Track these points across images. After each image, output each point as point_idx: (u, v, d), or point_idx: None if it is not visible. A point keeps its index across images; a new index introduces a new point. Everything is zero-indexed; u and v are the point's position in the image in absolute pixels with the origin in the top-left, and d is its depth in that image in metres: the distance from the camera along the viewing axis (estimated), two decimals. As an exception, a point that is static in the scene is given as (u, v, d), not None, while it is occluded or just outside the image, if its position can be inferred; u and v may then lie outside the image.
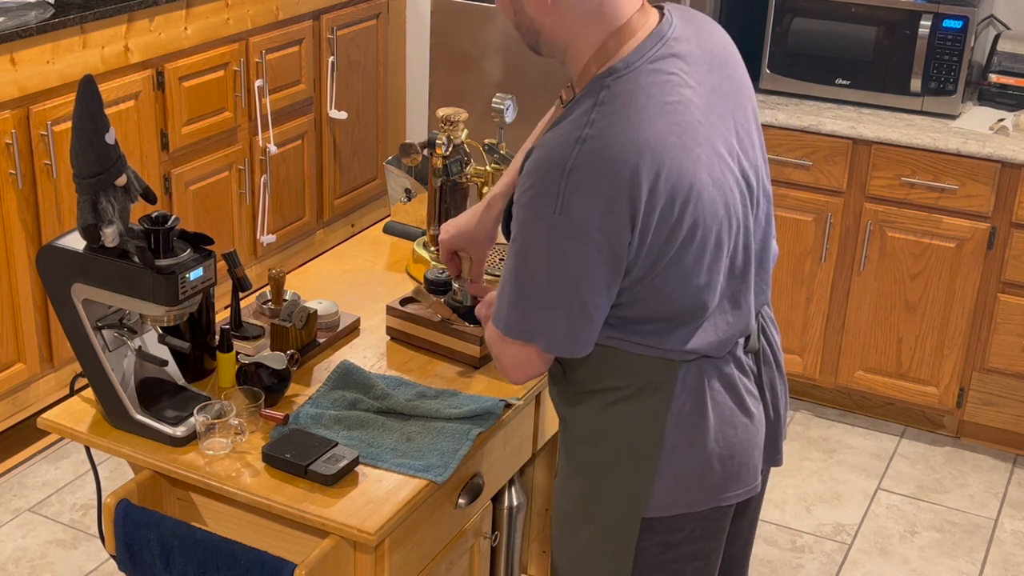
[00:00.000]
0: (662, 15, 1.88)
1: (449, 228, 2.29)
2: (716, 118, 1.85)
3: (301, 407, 2.18)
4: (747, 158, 1.91)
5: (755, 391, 2.00)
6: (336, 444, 2.05)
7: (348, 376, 2.26)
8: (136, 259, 1.99)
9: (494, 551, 2.52)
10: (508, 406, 2.23)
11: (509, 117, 2.63)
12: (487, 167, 2.63)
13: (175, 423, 2.11)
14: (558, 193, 1.73)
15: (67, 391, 2.71)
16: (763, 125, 3.19)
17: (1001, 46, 3.87)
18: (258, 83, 4.22)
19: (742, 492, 1.99)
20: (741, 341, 1.96)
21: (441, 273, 2.43)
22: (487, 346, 1.98)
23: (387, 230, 2.90)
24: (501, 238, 2.34)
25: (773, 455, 2.09)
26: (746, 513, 2.14)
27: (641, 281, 1.81)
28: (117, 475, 3.52)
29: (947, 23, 3.68)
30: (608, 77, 1.80)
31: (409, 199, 2.84)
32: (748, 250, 1.92)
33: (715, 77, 1.88)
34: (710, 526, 1.99)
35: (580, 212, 1.73)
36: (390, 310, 2.44)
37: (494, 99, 2.62)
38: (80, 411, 2.20)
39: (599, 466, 1.97)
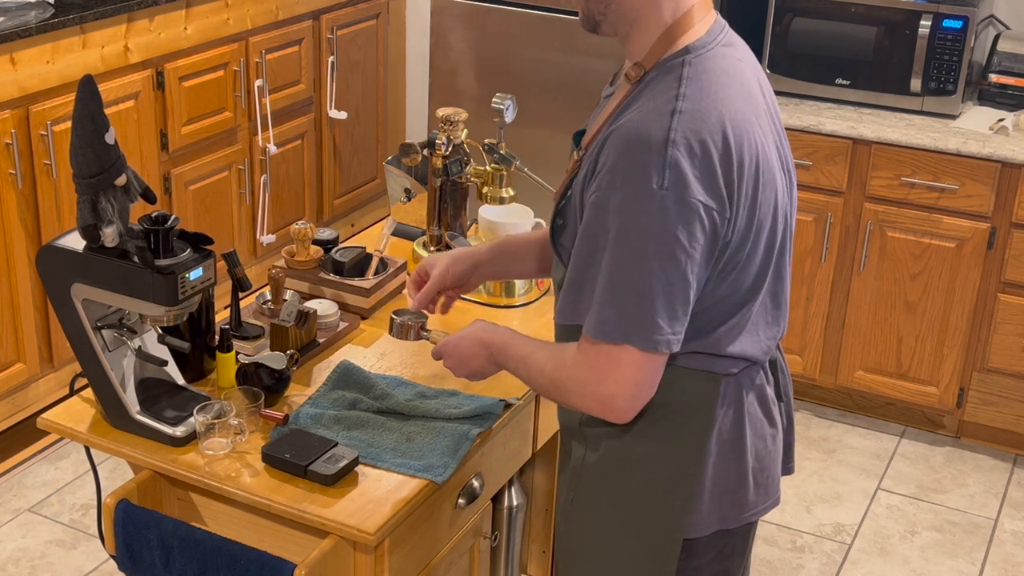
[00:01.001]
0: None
1: (440, 257, 2.21)
2: (769, 114, 1.86)
3: (301, 407, 2.18)
4: (785, 157, 1.91)
5: (776, 400, 1.96)
6: (336, 444, 2.05)
7: (348, 376, 2.26)
8: (136, 259, 1.99)
9: (494, 551, 2.52)
10: (508, 406, 2.23)
11: (509, 117, 2.63)
12: (487, 167, 2.63)
13: (175, 423, 2.11)
14: (664, 165, 1.65)
15: (67, 391, 2.71)
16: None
17: (1001, 46, 3.87)
18: (258, 83, 4.22)
19: (769, 505, 1.96)
20: None
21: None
22: (552, 394, 1.84)
23: (387, 230, 2.90)
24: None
25: (787, 463, 2.05)
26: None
27: (726, 267, 1.75)
28: (117, 475, 3.52)
29: (947, 23, 3.68)
30: (687, 55, 1.76)
31: (409, 199, 2.84)
32: (789, 248, 1.90)
33: (761, 80, 1.89)
34: (740, 542, 1.96)
35: (689, 185, 1.65)
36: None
37: (494, 99, 2.62)
38: (80, 411, 2.20)
39: (636, 493, 1.88)
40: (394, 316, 2.16)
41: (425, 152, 2.64)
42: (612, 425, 1.85)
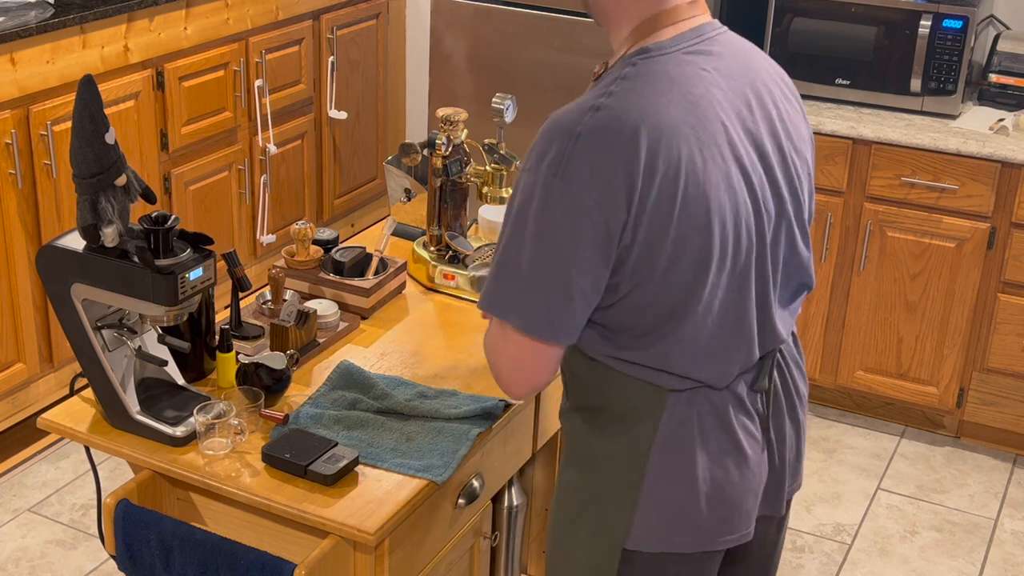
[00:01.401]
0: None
1: None
2: (743, 131, 1.79)
3: (301, 407, 2.18)
4: (780, 184, 1.83)
5: (757, 433, 1.89)
6: (336, 444, 2.05)
7: (348, 376, 2.26)
8: (136, 259, 1.99)
9: (494, 551, 2.53)
10: (508, 406, 2.23)
11: (509, 117, 2.63)
12: (487, 167, 2.63)
13: (175, 423, 2.11)
14: (562, 158, 1.68)
15: (67, 391, 2.71)
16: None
17: (1001, 46, 3.87)
18: (258, 83, 4.22)
19: (732, 539, 1.89)
20: (747, 378, 1.86)
21: None
22: (487, 355, 1.88)
23: (387, 230, 2.90)
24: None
25: (773, 504, 1.99)
26: (743, 560, 2.03)
27: (636, 276, 1.72)
28: (117, 475, 3.52)
29: (947, 23, 3.68)
30: (637, 56, 1.77)
31: (409, 199, 2.84)
32: (763, 274, 1.82)
33: (752, 96, 1.83)
34: (697, 569, 1.90)
35: (580, 180, 1.67)
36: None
37: (494, 99, 2.62)
38: (80, 411, 2.20)
39: (586, 491, 1.89)
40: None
41: (425, 152, 2.64)
42: (575, 422, 1.90)
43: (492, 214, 2.69)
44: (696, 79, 1.76)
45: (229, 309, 2.36)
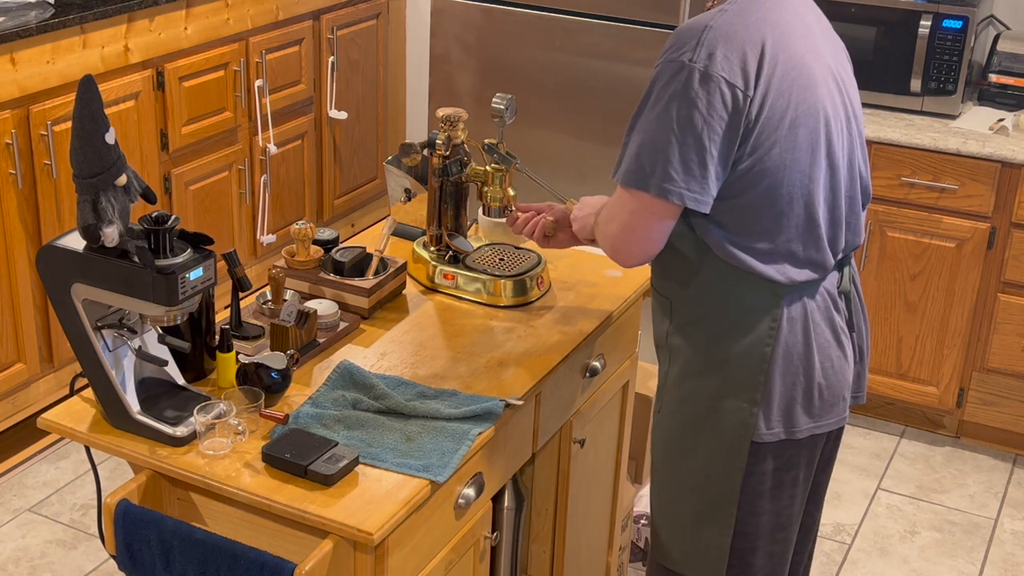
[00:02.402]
0: None
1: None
2: (827, 47, 2.13)
3: (301, 407, 2.18)
4: (851, 108, 2.16)
5: (846, 329, 2.18)
6: (336, 444, 2.05)
7: (348, 376, 2.26)
8: (136, 259, 1.99)
9: (494, 551, 2.52)
10: (508, 406, 2.23)
11: (509, 117, 2.63)
12: (487, 167, 2.63)
13: (175, 423, 2.11)
14: (697, 45, 1.98)
15: (67, 391, 2.71)
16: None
17: (1001, 46, 3.87)
18: (258, 83, 4.22)
19: (835, 422, 2.19)
20: (834, 277, 2.15)
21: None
22: (600, 237, 2.16)
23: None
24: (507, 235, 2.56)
25: (857, 392, 2.29)
26: (828, 447, 2.30)
27: (757, 151, 2.00)
28: (117, 475, 3.52)
29: (947, 23, 3.68)
30: None
31: (409, 199, 2.83)
32: (852, 174, 2.13)
33: (826, 27, 2.18)
34: (808, 453, 2.18)
35: (713, 62, 1.97)
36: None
37: (494, 99, 2.62)
38: (80, 411, 2.20)
39: (709, 396, 2.13)
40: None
41: (425, 152, 2.64)
42: (688, 336, 2.15)
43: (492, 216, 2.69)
44: (792, 3, 2.09)
45: (229, 309, 2.36)
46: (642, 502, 3.26)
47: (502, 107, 2.60)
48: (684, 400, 2.18)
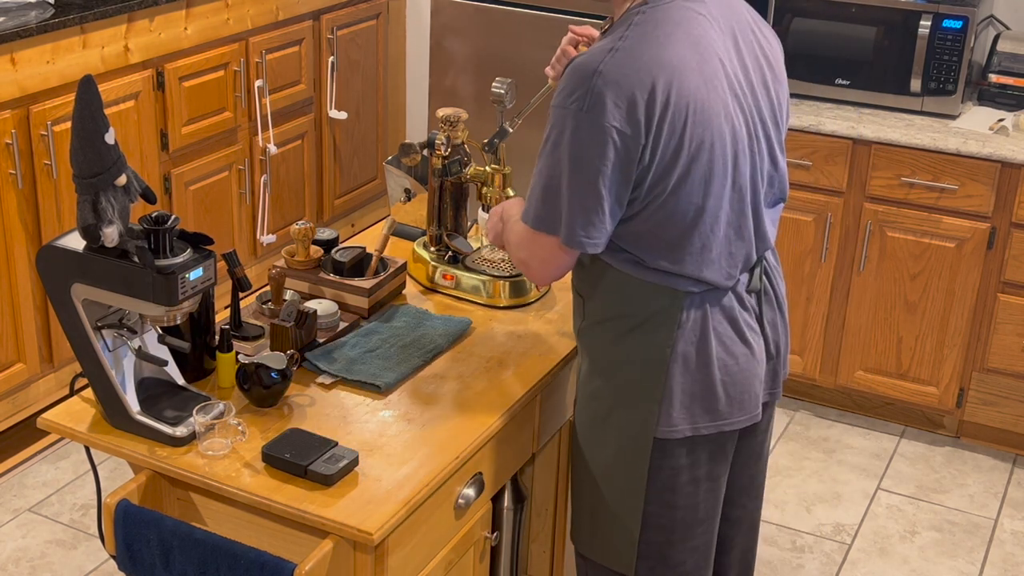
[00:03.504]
0: None
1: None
2: (736, 65, 2.09)
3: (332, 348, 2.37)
4: (763, 110, 2.14)
5: (756, 327, 2.20)
6: (336, 444, 2.06)
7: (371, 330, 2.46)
8: (136, 259, 1.99)
9: (494, 551, 2.52)
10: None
11: (509, 101, 2.62)
12: (487, 167, 2.63)
13: (175, 423, 2.11)
14: (586, 93, 1.97)
15: (67, 391, 2.71)
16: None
17: (1001, 46, 3.87)
18: (258, 83, 4.22)
19: (745, 419, 2.21)
20: (744, 279, 2.17)
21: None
22: (511, 253, 2.22)
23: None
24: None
25: (772, 388, 2.30)
26: (750, 442, 2.33)
27: (652, 191, 2.01)
28: (117, 475, 3.52)
29: (947, 23, 3.68)
30: (644, 6, 2.05)
31: (409, 199, 2.84)
32: (755, 187, 2.13)
33: (739, 34, 2.12)
34: (717, 450, 2.21)
35: (604, 111, 1.96)
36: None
37: (494, 83, 2.60)
38: (80, 411, 2.20)
39: (613, 393, 2.18)
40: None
41: (425, 152, 2.64)
42: (594, 334, 2.20)
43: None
44: (695, 22, 2.05)
45: (229, 309, 2.36)
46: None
47: (502, 91, 2.60)
48: (592, 396, 2.22)
